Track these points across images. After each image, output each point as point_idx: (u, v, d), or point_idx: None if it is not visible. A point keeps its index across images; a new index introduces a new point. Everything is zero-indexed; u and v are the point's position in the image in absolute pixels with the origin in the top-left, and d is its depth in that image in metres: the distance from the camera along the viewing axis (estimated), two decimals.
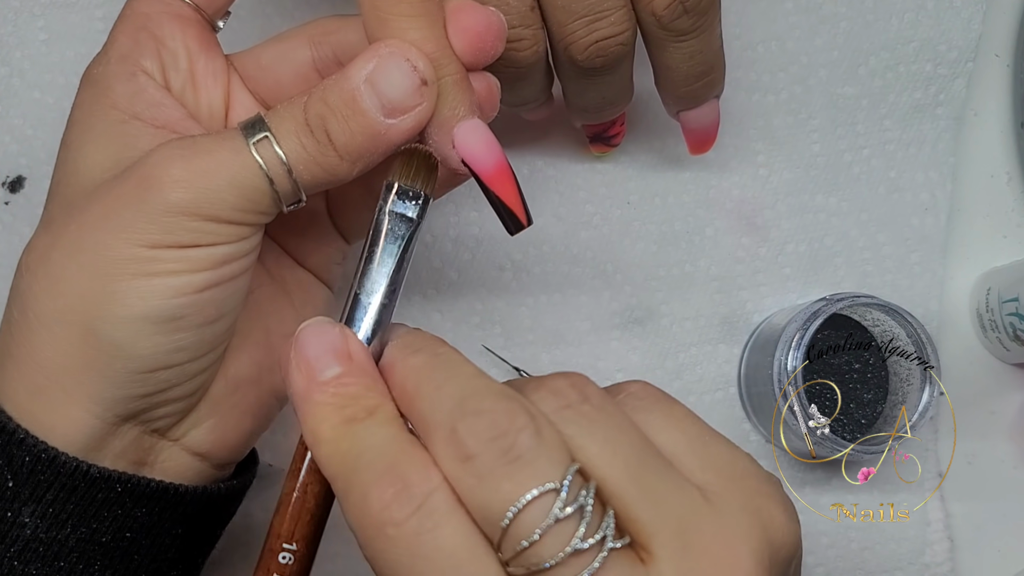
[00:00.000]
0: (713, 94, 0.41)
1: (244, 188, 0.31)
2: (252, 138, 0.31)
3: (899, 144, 0.48)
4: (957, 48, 0.48)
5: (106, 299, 0.30)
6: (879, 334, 0.45)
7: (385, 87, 0.31)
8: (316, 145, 0.32)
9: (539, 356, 0.47)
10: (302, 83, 0.36)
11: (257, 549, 0.46)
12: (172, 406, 0.33)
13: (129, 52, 0.34)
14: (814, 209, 0.48)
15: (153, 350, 0.31)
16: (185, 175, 0.30)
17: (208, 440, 0.35)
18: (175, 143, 0.31)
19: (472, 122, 0.33)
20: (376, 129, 0.32)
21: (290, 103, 0.32)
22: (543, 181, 0.48)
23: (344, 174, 0.32)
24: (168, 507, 0.33)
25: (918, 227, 0.48)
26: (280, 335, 0.37)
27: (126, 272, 0.30)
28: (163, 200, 0.30)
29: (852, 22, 0.48)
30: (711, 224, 0.48)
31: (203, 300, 0.31)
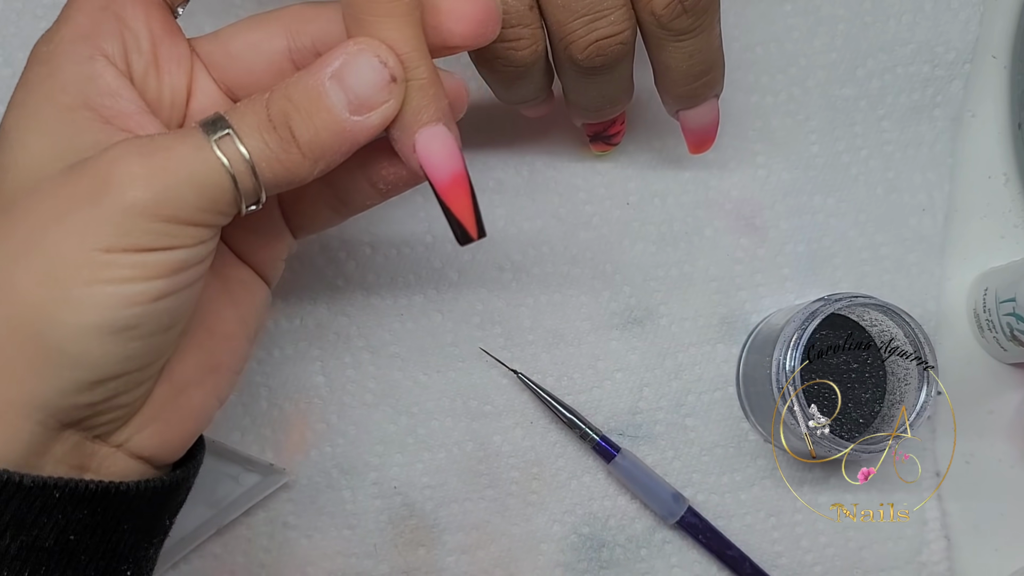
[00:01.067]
0: (712, 93, 0.41)
1: (206, 187, 0.30)
2: (214, 135, 0.30)
3: (897, 145, 0.48)
4: (955, 50, 0.48)
5: (58, 306, 0.29)
6: (877, 334, 0.45)
7: (353, 82, 0.31)
8: (279, 142, 0.31)
9: (539, 356, 0.47)
10: (276, 74, 0.35)
11: (259, 550, 0.46)
12: (116, 412, 0.32)
13: (88, 32, 0.32)
14: (812, 210, 0.48)
15: (103, 360, 0.30)
16: (144, 172, 0.29)
17: (151, 444, 0.33)
18: (132, 140, 0.30)
19: (435, 128, 0.32)
20: (341, 126, 0.31)
21: (252, 100, 0.31)
22: (543, 182, 0.48)
23: (306, 173, 0.32)
24: (110, 506, 0.32)
25: (916, 227, 0.48)
26: (222, 335, 0.36)
27: (79, 278, 0.29)
28: (121, 199, 0.29)
29: (850, 24, 0.48)
30: (710, 225, 0.48)
31: (158, 309, 0.30)
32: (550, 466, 0.47)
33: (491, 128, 0.48)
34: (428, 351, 0.47)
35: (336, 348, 0.47)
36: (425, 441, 0.47)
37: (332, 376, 0.47)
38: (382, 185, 0.36)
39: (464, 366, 0.47)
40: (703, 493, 0.47)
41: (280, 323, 0.47)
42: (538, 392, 0.46)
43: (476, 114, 0.48)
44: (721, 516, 0.47)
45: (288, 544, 0.46)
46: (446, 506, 0.47)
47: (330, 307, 0.47)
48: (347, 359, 0.47)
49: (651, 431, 0.47)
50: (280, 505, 0.47)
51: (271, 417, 0.47)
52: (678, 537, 0.47)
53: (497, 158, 0.48)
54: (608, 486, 0.47)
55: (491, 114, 0.48)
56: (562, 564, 0.47)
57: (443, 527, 0.47)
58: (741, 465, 0.47)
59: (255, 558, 0.47)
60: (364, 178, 0.36)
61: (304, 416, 0.47)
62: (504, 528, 0.47)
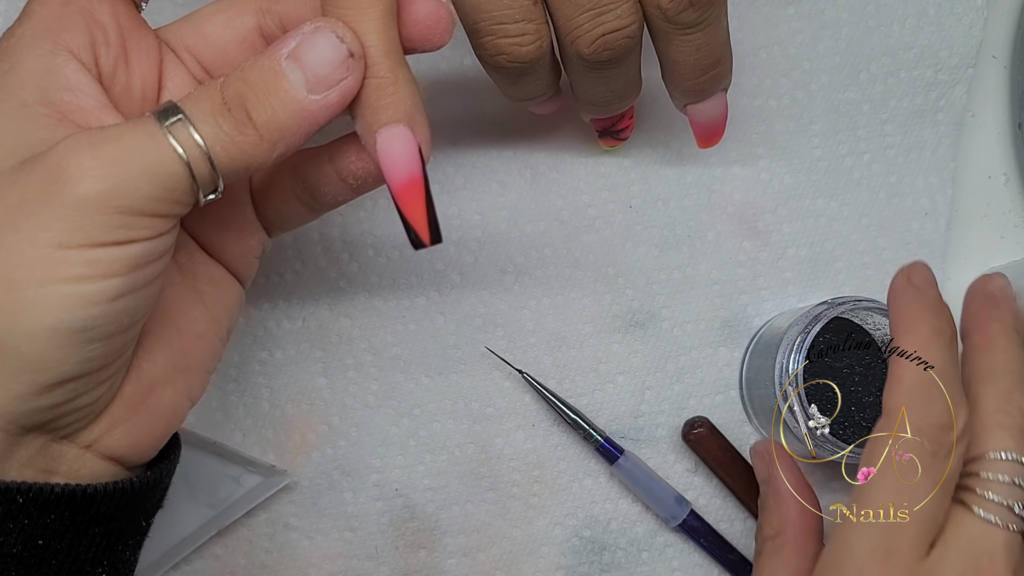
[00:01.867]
0: (720, 87, 0.41)
1: (159, 175, 0.29)
2: (166, 121, 0.30)
3: (900, 149, 0.48)
4: (958, 54, 0.48)
5: (11, 308, 0.28)
6: (880, 337, 0.45)
7: (310, 59, 0.31)
8: (235, 124, 0.30)
9: (541, 358, 0.47)
10: (248, 50, 0.35)
11: (260, 552, 0.46)
12: (79, 413, 0.31)
13: (50, 26, 0.31)
14: (815, 213, 0.48)
15: (61, 362, 0.29)
16: (96, 163, 0.28)
17: (121, 444, 0.33)
18: (83, 133, 0.29)
19: (396, 129, 0.32)
20: (300, 105, 0.31)
21: (206, 85, 0.31)
22: (546, 184, 0.48)
23: (264, 157, 0.31)
24: (79, 509, 0.31)
25: (918, 232, 0.48)
26: (191, 334, 0.35)
27: (33, 278, 0.28)
28: (73, 192, 0.28)
29: (854, 28, 0.48)
30: (712, 228, 0.48)
31: (116, 308, 0.29)
32: (551, 469, 0.47)
33: (494, 130, 0.48)
34: (430, 353, 0.47)
35: (338, 350, 0.47)
36: (427, 443, 0.47)
37: (334, 378, 0.47)
38: (351, 180, 0.36)
39: (466, 368, 0.47)
40: (704, 497, 0.47)
41: (282, 324, 0.47)
42: (543, 392, 0.46)
43: (479, 116, 0.48)
44: (723, 520, 0.47)
45: (289, 546, 0.46)
46: (447, 508, 0.47)
47: (332, 309, 0.47)
48: (349, 361, 0.47)
49: (653, 434, 0.47)
50: (281, 507, 0.47)
51: (273, 418, 0.47)
52: (679, 540, 0.47)
53: (500, 160, 0.48)
54: (610, 489, 0.47)
55: (494, 116, 0.48)
56: (563, 567, 0.47)
57: (444, 529, 0.47)
58: None
59: (256, 559, 0.47)
60: (334, 172, 0.36)
61: (306, 418, 0.47)
62: (505, 531, 0.47)
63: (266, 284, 0.47)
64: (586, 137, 0.48)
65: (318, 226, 0.47)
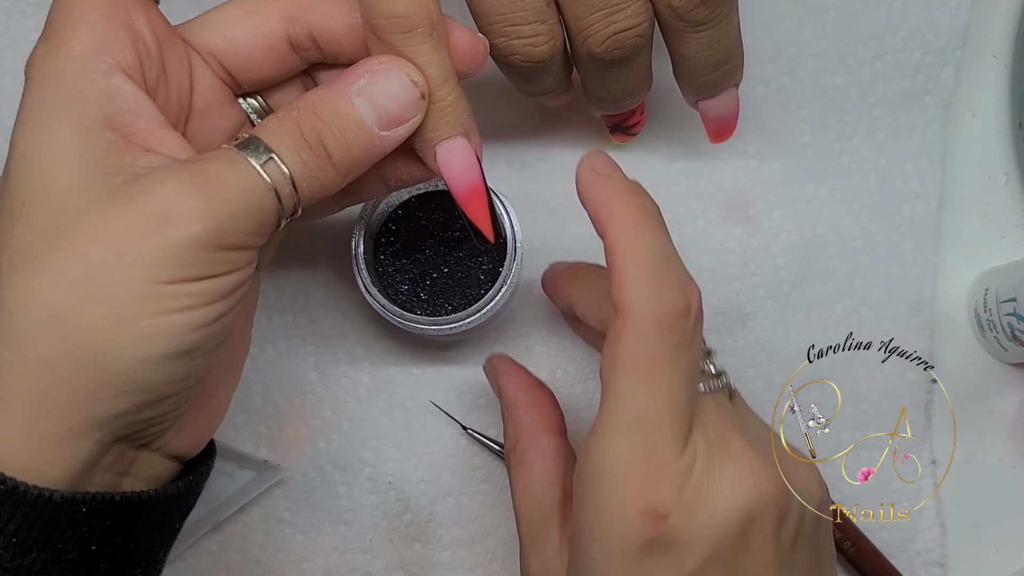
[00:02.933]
0: (732, 83, 0.41)
1: (256, 212, 0.31)
2: (259, 160, 0.31)
3: (888, 133, 0.48)
4: (945, 36, 0.48)
5: (125, 340, 0.29)
6: None
7: (383, 100, 0.33)
8: (316, 160, 0.32)
9: (533, 348, 0.47)
10: (276, 58, 0.36)
11: (254, 547, 0.46)
12: (165, 424, 0.33)
13: (99, 44, 0.31)
14: (805, 199, 0.48)
15: (166, 382, 0.30)
16: (202, 206, 0.29)
17: (186, 445, 0.34)
18: (181, 168, 0.30)
19: (455, 141, 0.35)
20: (371, 141, 0.33)
21: (281, 119, 0.32)
22: (534, 175, 0.48)
23: (336, 187, 0.33)
24: (131, 515, 0.32)
25: (909, 215, 0.48)
26: (236, 331, 0.36)
27: (145, 311, 0.29)
28: (182, 235, 0.29)
29: (840, 12, 0.48)
30: (702, 215, 0.48)
31: (216, 329, 0.31)
32: None
33: (482, 122, 0.48)
34: (421, 345, 0.47)
35: (330, 343, 0.47)
36: (419, 435, 0.47)
37: (326, 372, 0.47)
38: (393, 182, 0.38)
39: (458, 360, 0.47)
40: None
41: (273, 319, 0.47)
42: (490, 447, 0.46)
43: None
44: None
45: (283, 540, 0.46)
46: (441, 500, 0.47)
47: (323, 302, 0.47)
48: (341, 354, 0.47)
49: None
50: (275, 501, 0.47)
51: (265, 413, 0.47)
52: None
53: (488, 152, 0.47)
54: None
55: (482, 108, 0.47)
56: None
57: (438, 521, 0.47)
58: None
59: (250, 554, 0.47)
60: (376, 176, 0.37)
61: (298, 412, 0.47)
62: (500, 522, 0.47)
63: None
64: (574, 128, 0.48)
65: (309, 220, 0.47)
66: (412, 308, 0.43)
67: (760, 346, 0.47)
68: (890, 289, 0.48)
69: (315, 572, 0.46)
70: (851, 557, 0.46)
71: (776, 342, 0.47)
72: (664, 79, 0.43)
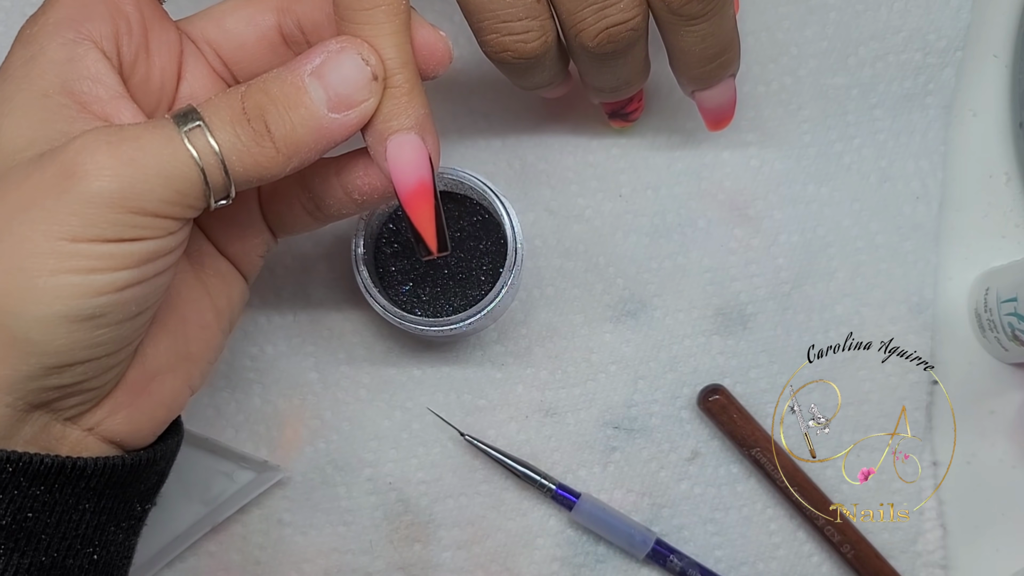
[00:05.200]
0: (728, 74, 0.41)
1: (174, 179, 0.30)
2: (184, 126, 0.30)
3: (890, 133, 0.48)
4: (946, 37, 0.48)
5: (22, 295, 0.29)
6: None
7: (334, 79, 0.32)
8: (252, 135, 0.31)
9: (532, 349, 0.47)
10: (267, 48, 0.36)
11: (254, 548, 0.46)
12: (85, 395, 0.32)
13: (75, 14, 0.32)
14: (806, 199, 0.48)
15: (70, 347, 0.30)
16: (112, 163, 0.29)
17: (122, 429, 0.34)
18: (101, 129, 0.30)
19: (407, 136, 0.33)
20: (319, 122, 0.32)
21: (227, 93, 0.32)
22: (535, 175, 0.48)
23: (278, 169, 0.32)
24: (68, 483, 0.31)
25: (910, 215, 0.48)
26: (196, 324, 0.36)
27: (45, 268, 0.29)
28: (87, 190, 0.29)
29: (842, 12, 0.48)
30: (703, 216, 0.48)
31: (124, 298, 0.30)
32: (545, 460, 0.47)
33: (482, 122, 0.48)
34: (422, 346, 0.47)
35: (330, 344, 0.47)
36: (420, 436, 0.47)
37: (326, 372, 0.47)
38: (357, 195, 0.36)
39: (458, 360, 0.47)
40: (700, 486, 0.47)
41: (273, 319, 0.47)
42: (490, 453, 0.46)
43: (467, 109, 0.48)
44: (719, 508, 0.47)
45: (283, 541, 0.46)
46: (441, 501, 0.47)
47: (323, 303, 0.47)
48: (341, 355, 0.47)
49: (647, 424, 0.47)
50: (275, 502, 0.47)
51: (265, 414, 0.47)
52: (678, 517, 0.47)
53: (488, 152, 0.48)
54: (603, 479, 0.47)
55: (482, 108, 0.48)
56: (559, 559, 0.47)
57: (439, 522, 0.46)
58: (738, 457, 0.47)
59: (250, 555, 0.46)
60: (339, 186, 0.36)
61: (298, 412, 0.47)
62: (500, 523, 0.47)
63: (256, 279, 0.47)
64: (575, 129, 0.48)
65: None
66: (412, 309, 0.43)
67: (761, 346, 0.47)
68: (891, 289, 0.48)
69: (315, 573, 0.46)
70: (850, 560, 0.46)
71: (777, 342, 0.47)
72: (665, 78, 0.43)
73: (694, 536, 0.47)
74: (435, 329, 0.42)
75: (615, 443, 0.47)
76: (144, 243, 0.30)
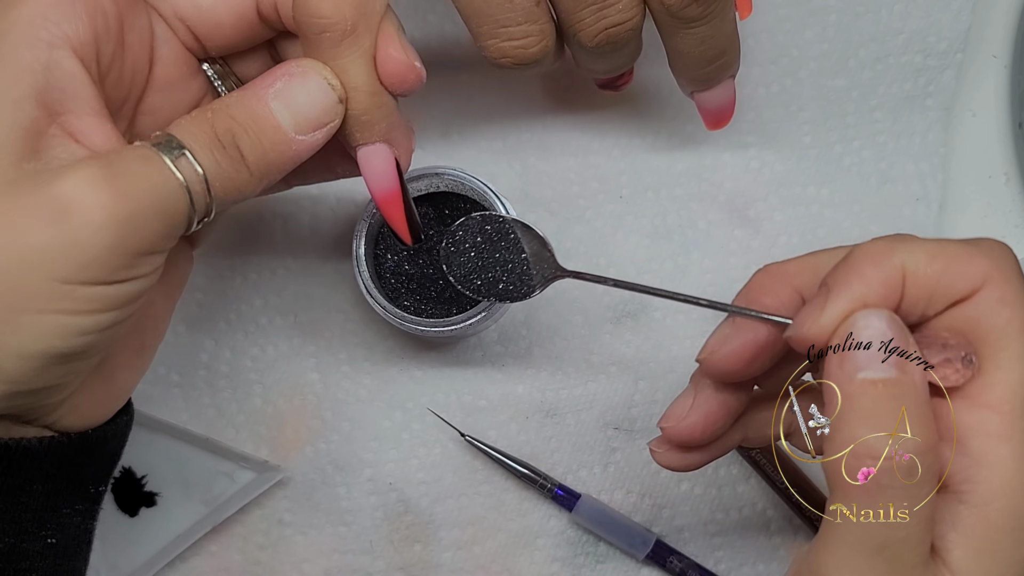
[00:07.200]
0: (727, 75, 0.41)
1: (168, 212, 0.30)
2: (171, 156, 0.30)
3: (890, 135, 0.48)
4: (946, 39, 0.48)
5: (4, 328, 0.28)
6: None
7: (299, 103, 0.32)
8: (230, 161, 0.31)
9: (532, 350, 0.47)
10: (246, 27, 0.35)
11: (255, 548, 0.46)
12: (47, 407, 0.32)
13: (50, 12, 0.30)
14: (806, 201, 0.48)
15: (43, 379, 0.29)
16: (110, 200, 0.28)
17: (77, 422, 0.33)
18: (91, 162, 0.28)
19: (375, 147, 0.35)
20: (288, 145, 0.32)
21: (195, 118, 0.31)
22: (536, 176, 0.48)
23: (251, 190, 0.32)
24: (15, 463, 0.31)
25: (910, 217, 0.48)
26: (148, 317, 0.36)
27: (32, 306, 0.28)
28: (84, 231, 0.27)
29: (842, 14, 0.48)
30: (704, 217, 0.48)
31: (105, 336, 0.30)
32: (546, 460, 0.47)
33: (483, 123, 0.48)
34: (422, 346, 0.47)
35: (331, 344, 0.47)
36: (420, 437, 0.47)
37: (326, 372, 0.47)
38: (339, 171, 0.38)
39: (459, 361, 0.47)
40: (700, 487, 0.47)
41: (274, 320, 0.47)
42: (490, 453, 0.46)
43: (468, 110, 0.48)
44: (719, 509, 0.47)
45: (284, 541, 0.46)
46: (442, 502, 0.47)
47: (324, 303, 0.47)
48: (342, 355, 0.47)
49: (647, 425, 0.47)
50: (275, 502, 0.47)
51: (266, 414, 0.47)
52: (678, 518, 0.47)
53: (490, 153, 0.48)
54: (604, 480, 0.47)
55: (483, 109, 0.48)
56: (559, 559, 0.47)
57: (439, 523, 0.47)
58: (738, 457, 0.47)
59: (251, 555, 0.46)
60: (323, 163, 0.37)
61: (299, 413, 0.47)
62: (500, 523, 0.47)
63: (257, 280, 0.47)
64: (576, 128, 0.48)
65: (309, 222, 0.47)
66: (413, 309, 0.43)
67: None
68: None
69: (315, 573, 0.46)
70: None
71: None
72: (666, 80, 0.43)
73: (694, 537, 0.47)
74: (436, 329, 0.42)
75: (615, 444, 0.47)
76: (133, 283, 0.30)
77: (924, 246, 0.29)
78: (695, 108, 0.44)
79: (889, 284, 0.29)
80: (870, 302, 0.29)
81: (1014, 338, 0.29)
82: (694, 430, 0.34)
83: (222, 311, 0.47)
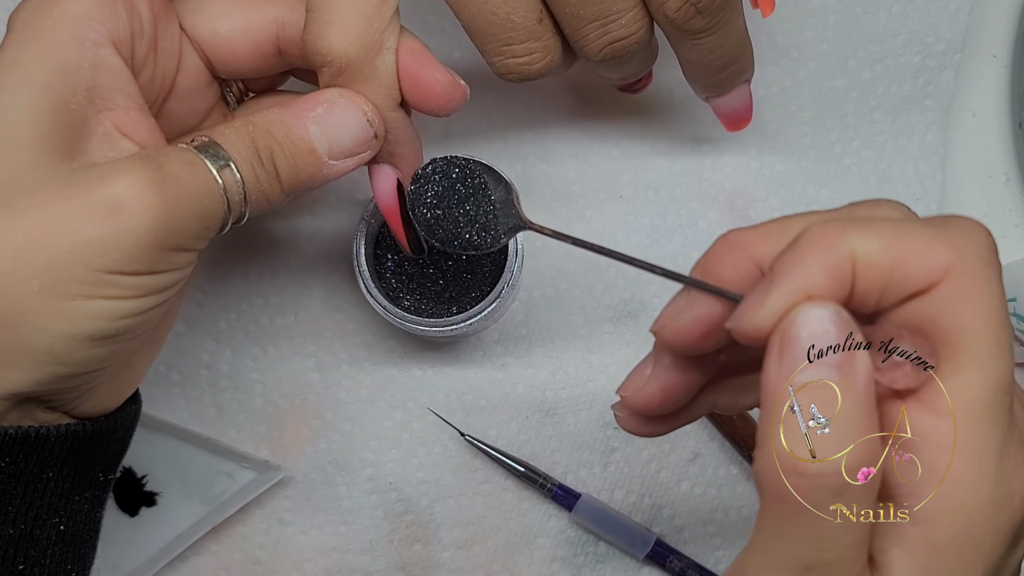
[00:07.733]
0: (740, 81, 0.41)
1: (206, 216, 0.32)
2: (216, 165, 0.32)
3: (889, 135, 0.48)
4: (945, 40, 0.48)
5: (53, 315, 0.30)
6: None
7: (337, 132, 0.34)
8: (266, 175, 0.33)
9: (532, 350, 0.47)
10: (260, 59, 0.37)
11: (255, 547, 0.46)
12: (77, 391, 0.33)
13: (96, 11, 0.31)
14: (806, 201, 0.48)
15: (86, 361, 0.31)
16: (158, 201, 0.30)
17: (94, 409, 0.34)
18: (140, 163, 0.30)
19: (383, 168, 0.37)
20: (319, 169, 0.34)
21: (235, 130, 0.33)
22: (536, 175, 0.48)
23: (279, 204, 0.34)
24: (32, 452, 0.32)
25: None
26: None
27: (80, 293, 0.30)
28: (134, 230, 0.30)
29: (841, 15, 0.48)
30: (704, 217, 0.48)
31: (144, 320, 0.32)
32: (546, 460, 0.47)
33: (483, 123, 0.48)
34: (422, 346, 0.47)
35: (331, 344, 0.47)
36: (420, 436, 0.47)
37: (327, 372, 0.47)
38: None
39: (459, 360, 0.47)
40: (700, 487, 0.47)
41: (275, 320, 0.47)
42: (490, 452, 0.46)
43: (468, 110, 0.48)
44: (719, 509, 0.47)
45: (284, 541, 0.46)
46: (442, 501, 0.47)
47: (324, 303, 0.47)
48: (342, 355, 0.47)
49: None
50: (276, 502, 0.47)
51: (266, 414, 0.47)
52: (678, 518, 0.47)
53: (490, 153, 0.48)
54: (604, 480, 0.47)
55: (483, 109, 0.48)
56: (559, 559, 0.47)
57: (439, 522, 0.47)
58: (739, 457, 0.47)
59: (251, 555, 0.47)
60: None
61: (299, 413, 0.47)
62: (500, 523, 0.47)
63: (258, 280, 0.47)
64: (576, 129, 0.48)
65: (310, 221, 0.47)
66: (413, 309, 0.43)
67: None
68: None
69: (315, 572, 0.46)
70: None
71: None
72: (666, 81, 0.44)
73: (694, 536, 0.47)
74: (436, 329, 0.42)
75: (615, 443, 0.47)
76: (170, 274, 0.32)
77: (880, 231, 0.25)
78: (695, 109, 0.44)
79: (836, 274, 0.25)
80: (815, 294, 0.25)
81: (973, 339, 0.26)
82: (651, 401, 0.32)
83: (223, 311, 0.47)
